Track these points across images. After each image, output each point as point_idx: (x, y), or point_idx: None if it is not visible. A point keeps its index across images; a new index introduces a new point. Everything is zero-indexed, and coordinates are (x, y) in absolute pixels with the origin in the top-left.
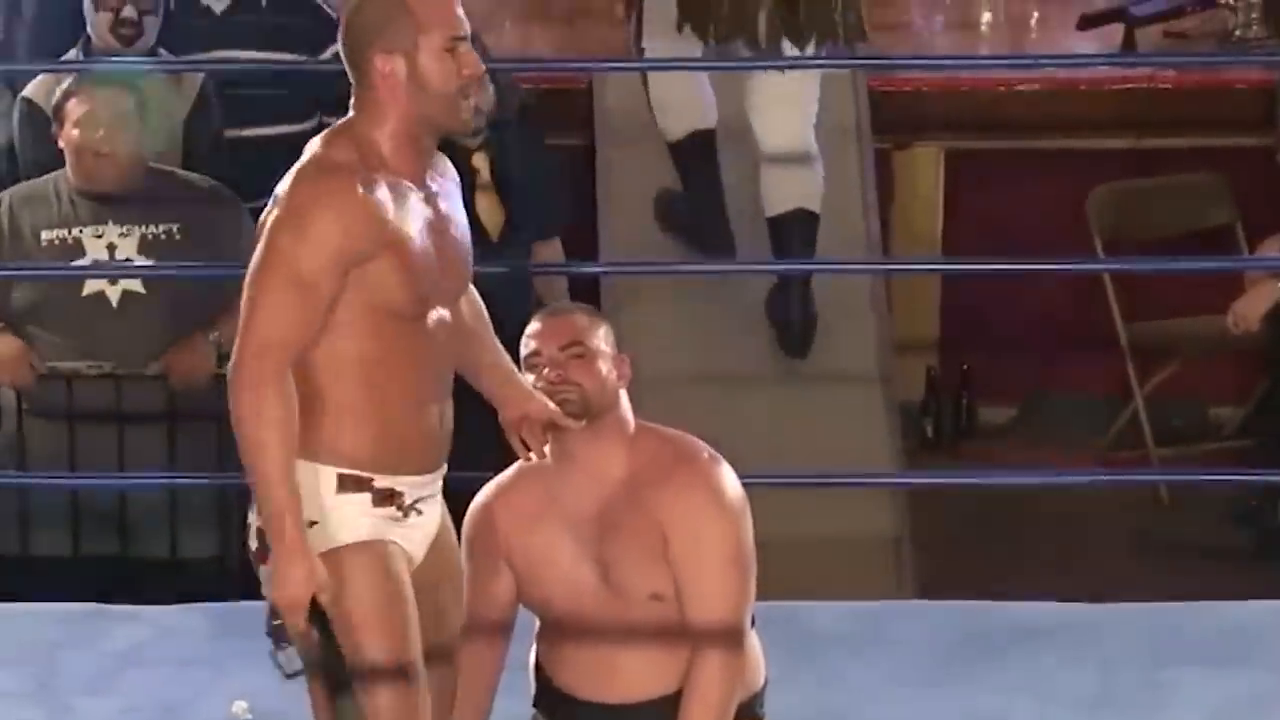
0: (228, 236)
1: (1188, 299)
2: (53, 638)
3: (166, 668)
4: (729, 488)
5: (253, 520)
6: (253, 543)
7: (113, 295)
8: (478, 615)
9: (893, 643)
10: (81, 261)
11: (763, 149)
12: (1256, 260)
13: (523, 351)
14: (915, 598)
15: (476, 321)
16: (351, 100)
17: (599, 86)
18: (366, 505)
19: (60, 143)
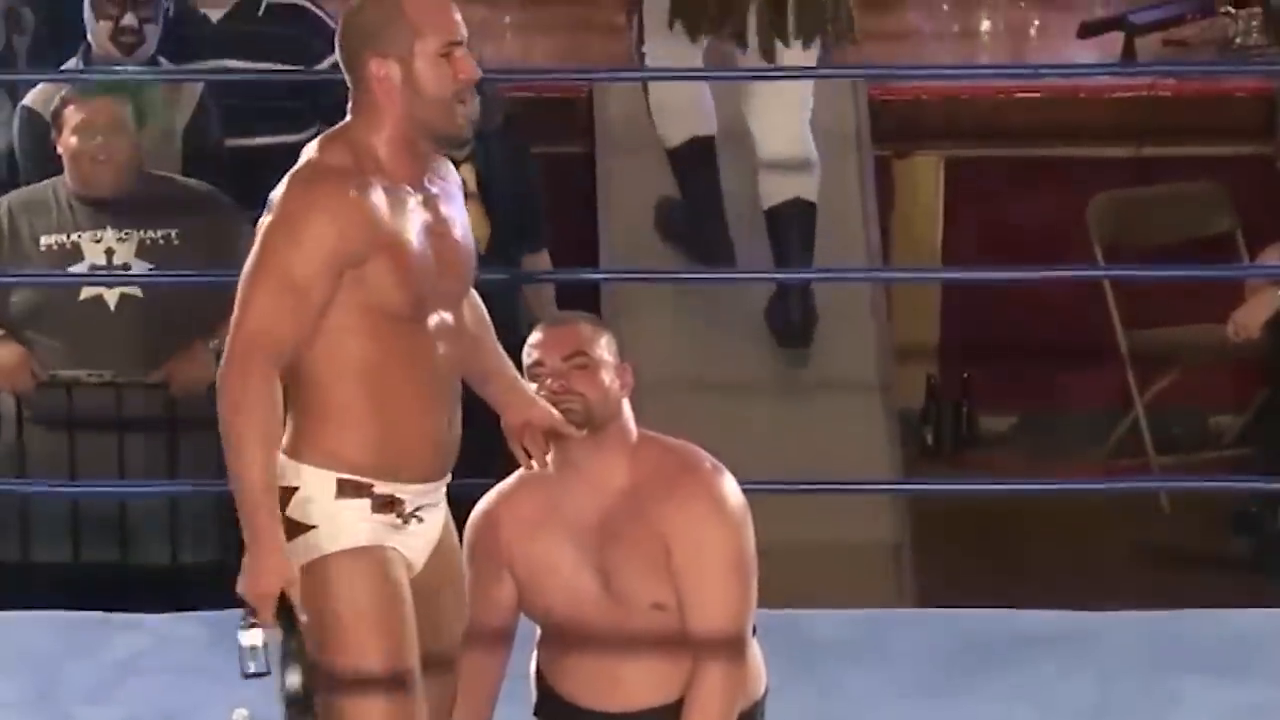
0: (226, 242)
1: (1188, 307)
2: (53, 646)
3: (167, 676)
4: (731, 498)
5: None
6: None
7: (110, 299)
8: (479, 622)
9: (893, 651)
10: (80, 266)
11: (760, 155)
12: (1257, 268)
13: (525, 361)
14: (915, 605)
15: (478, 326)
16: (349, 104)
17: (600, 96)
18: (365, 511)
19: (59, 149)
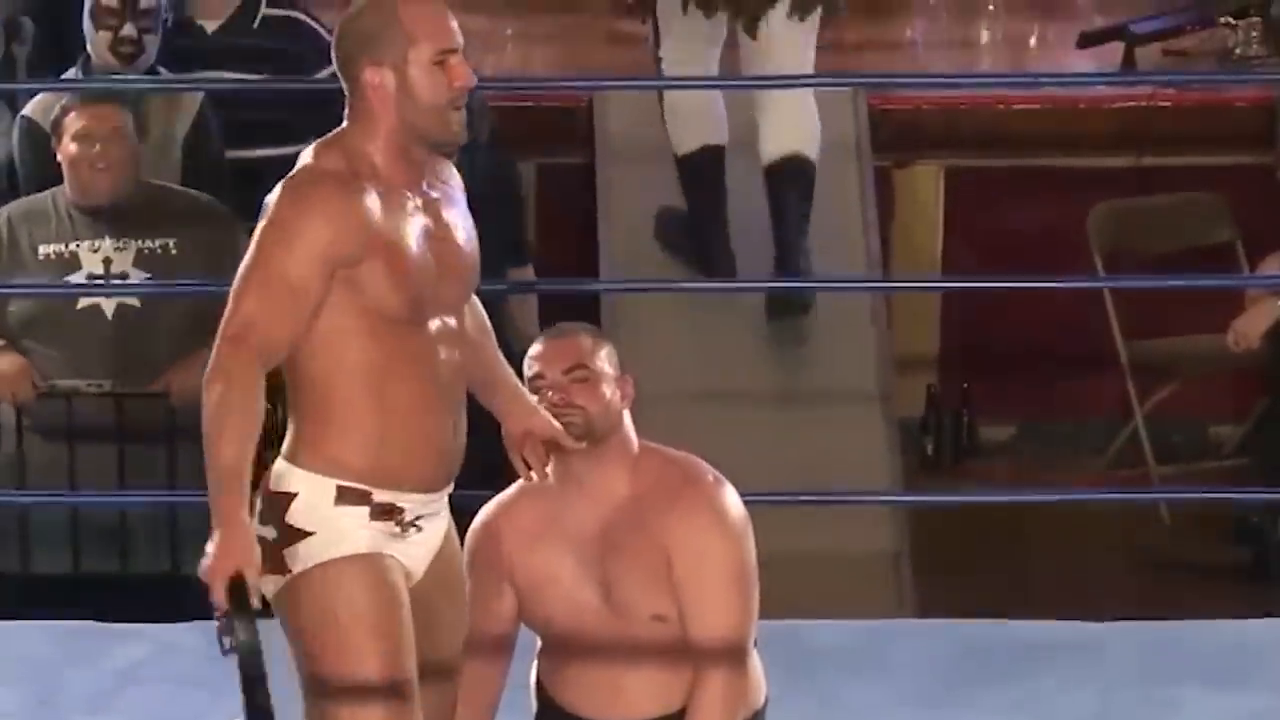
0: (224, 252)
1: (1188, 317)
2: (53, 655)
3: (167, 685)
4: (733, 510)
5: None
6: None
7: (107, 308)
8: (480, 632)
9: (893, 661)
10: (77, 275)
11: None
12: (1257, 278)
13: (526, 373)
14: (915, 616)
15: (479, 333)
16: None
17: (600, 106)
18: (364, 518)
19: (58, 156)
